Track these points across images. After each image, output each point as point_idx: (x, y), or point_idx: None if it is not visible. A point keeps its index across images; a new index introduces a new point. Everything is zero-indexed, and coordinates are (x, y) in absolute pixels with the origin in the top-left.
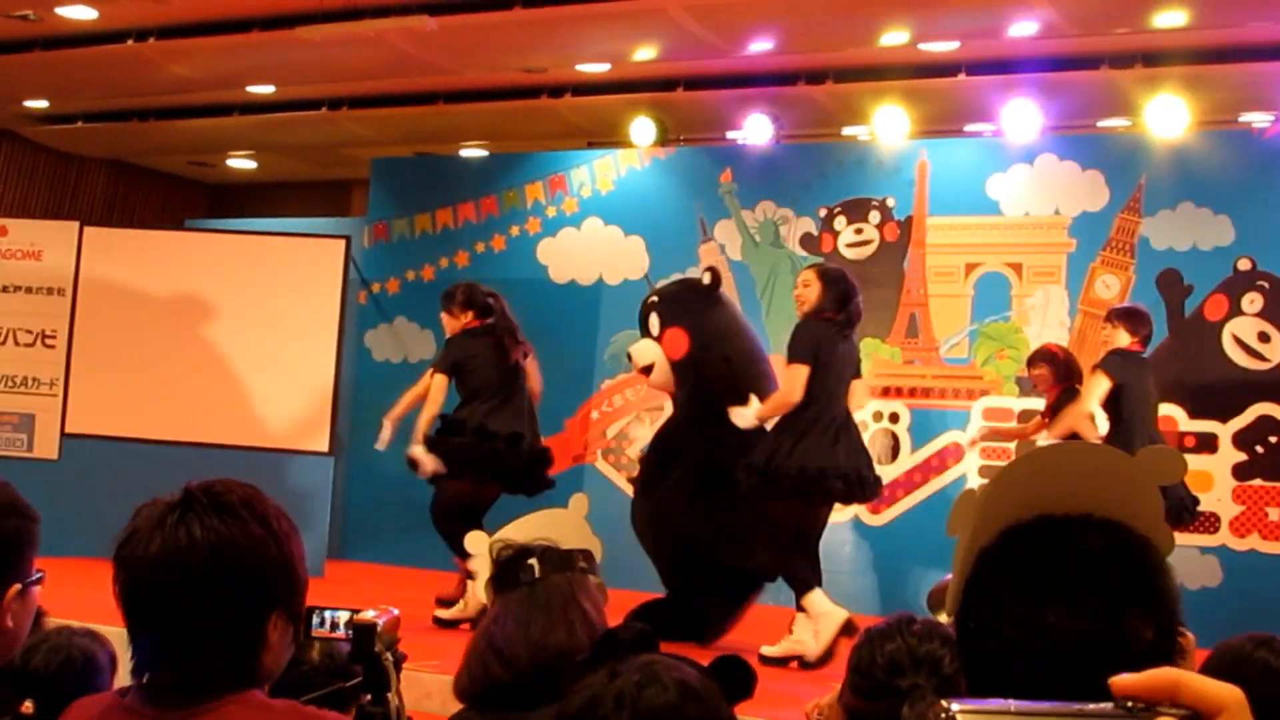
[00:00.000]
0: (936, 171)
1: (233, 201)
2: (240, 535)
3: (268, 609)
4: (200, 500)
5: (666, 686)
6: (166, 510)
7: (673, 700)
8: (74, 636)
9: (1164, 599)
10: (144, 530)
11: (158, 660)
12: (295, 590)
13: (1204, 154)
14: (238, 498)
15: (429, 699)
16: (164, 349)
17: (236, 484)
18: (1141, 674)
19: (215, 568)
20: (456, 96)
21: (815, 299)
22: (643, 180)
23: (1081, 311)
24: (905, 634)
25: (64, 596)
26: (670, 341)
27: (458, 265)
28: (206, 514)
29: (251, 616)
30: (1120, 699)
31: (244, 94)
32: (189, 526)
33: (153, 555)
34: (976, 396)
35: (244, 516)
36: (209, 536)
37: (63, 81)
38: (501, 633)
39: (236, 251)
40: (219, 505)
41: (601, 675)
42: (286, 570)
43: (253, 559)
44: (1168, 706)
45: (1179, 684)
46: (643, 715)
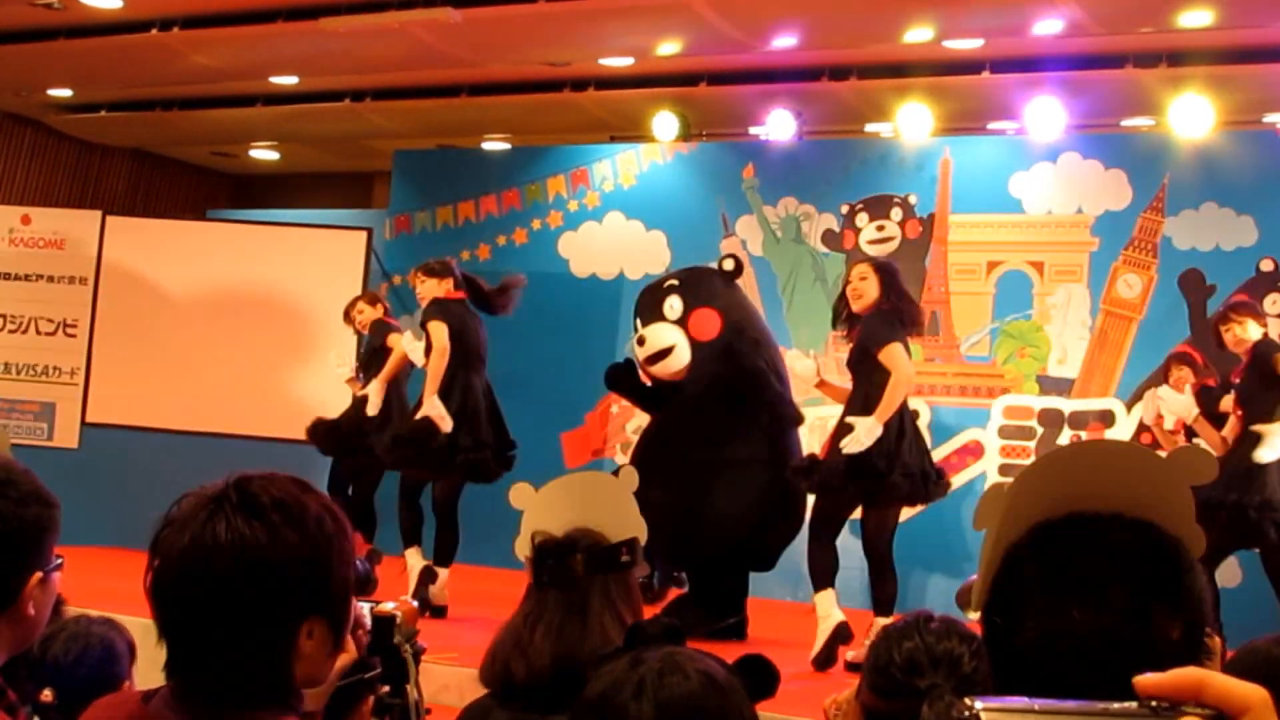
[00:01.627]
0: (959, 169)
1: (255, 192)
2: (267, 540)
3: (298, 618)
4: (232, 499)
5: (689, 676)
6: (203, 503)
7: (694, 689)
8: (92, 625)
9: (1192, 599)
10: (179, 521)
11: (183, 661)
12: (335, 597)
13: (1228, 154)
14: (271, 498)
15: (446, 691)
16: (185, 339)
17: (280, 480)
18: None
19: (237, 573)
20: (479, 89)
21: (875, 293)
22: (665, 175)
23: (1103, 310)
24: (923, 632)
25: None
26: (700, 322)
27: (479, 258)
28: (235, 514)
29: (278, 625)
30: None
31: (267, 84)
32: (216, 526)
33: (181, 549)
34: (997, 394)
35: (275, 520)
36: (233, 539)
37: (86, 70)
38: (531, 635)
39: (258, 242)
40: (250, 506)
41: (623, 663)
42: (323, 577)
43: (279, 566)
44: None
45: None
46: (663, 703)
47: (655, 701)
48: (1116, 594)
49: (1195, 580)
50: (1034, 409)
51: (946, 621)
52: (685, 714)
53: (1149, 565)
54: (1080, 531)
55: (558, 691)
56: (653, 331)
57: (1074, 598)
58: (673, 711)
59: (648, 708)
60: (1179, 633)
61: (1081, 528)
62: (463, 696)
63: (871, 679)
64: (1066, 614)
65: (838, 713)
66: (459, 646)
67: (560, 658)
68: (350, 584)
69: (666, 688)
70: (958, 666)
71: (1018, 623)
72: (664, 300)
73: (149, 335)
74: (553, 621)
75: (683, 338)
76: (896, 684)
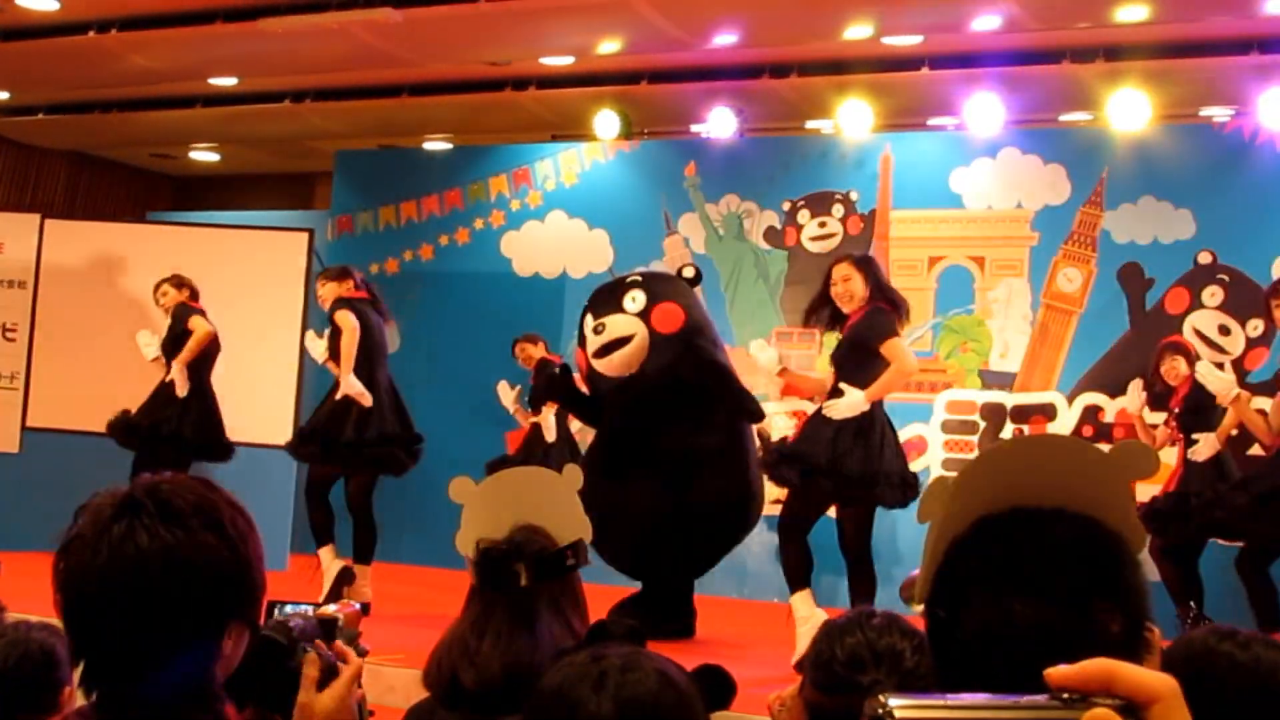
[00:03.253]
0: (900, 165)
1: (195, 194)
2: (191, 547)
3: (223, 621)
4: (147, 506)
5: (649, 675)
6: (111, 515)
7: (654, 688)
8: (32, 630)
9: (1132, 593)
10: (89, 536)
11: (108, 673)
12: (253, 596)
13: (1165, 148)
14: (189, 503)
15: (391, 693)
16: (126, 342)
17: (187, 483)
18: (1075, 665)
19: (165, 583)
20: (420, 89)
21: (863, 289)
22: (607, 173)
23: (1044, 304)
24: (865, 628)
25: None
26: (664, 315)
27: (422, 258)
28: (154, 522)
29: (205, 631)
30: (1056, 690)
31: (206, 86)
32: (135, 537)
33: (97, 569)
34: (940, 389)
35: (195, 526)
36: (158, 548)
37: (23, 72)
38: (478, 643)
39: (199, 244)
40: (168, 513)
41: (584, 656)
42: (243, 578)
43: (206, 571)
44: (1103, 697)
45: (1113, 674)
46: (624, 700)
47: (616, 697)
48: (1057, 588)
49: (1135, 575)
50: (977, 403)
51: (889, 617)
52: (643, 711)
53: (1089, 560)
54: (1022, 526)
55: (507, 697)
56: (613, 320)
57: (1015, 592)
58: (632, 708)
59: (607, 703)
60: (1119, 626)
61: (1024, 522)
62: (409, 698)
63: (814, 675)
64: (1007, 608)
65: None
66: (405, 648)
67: (510, 665)
68: (264, 583)
69: (628, 684)
70: (900, 662)
71: (959, 616)
72: (625, 294)
73: (89, 339)
74: (500, 630)
75: (643, 329)
76: (839, 680)
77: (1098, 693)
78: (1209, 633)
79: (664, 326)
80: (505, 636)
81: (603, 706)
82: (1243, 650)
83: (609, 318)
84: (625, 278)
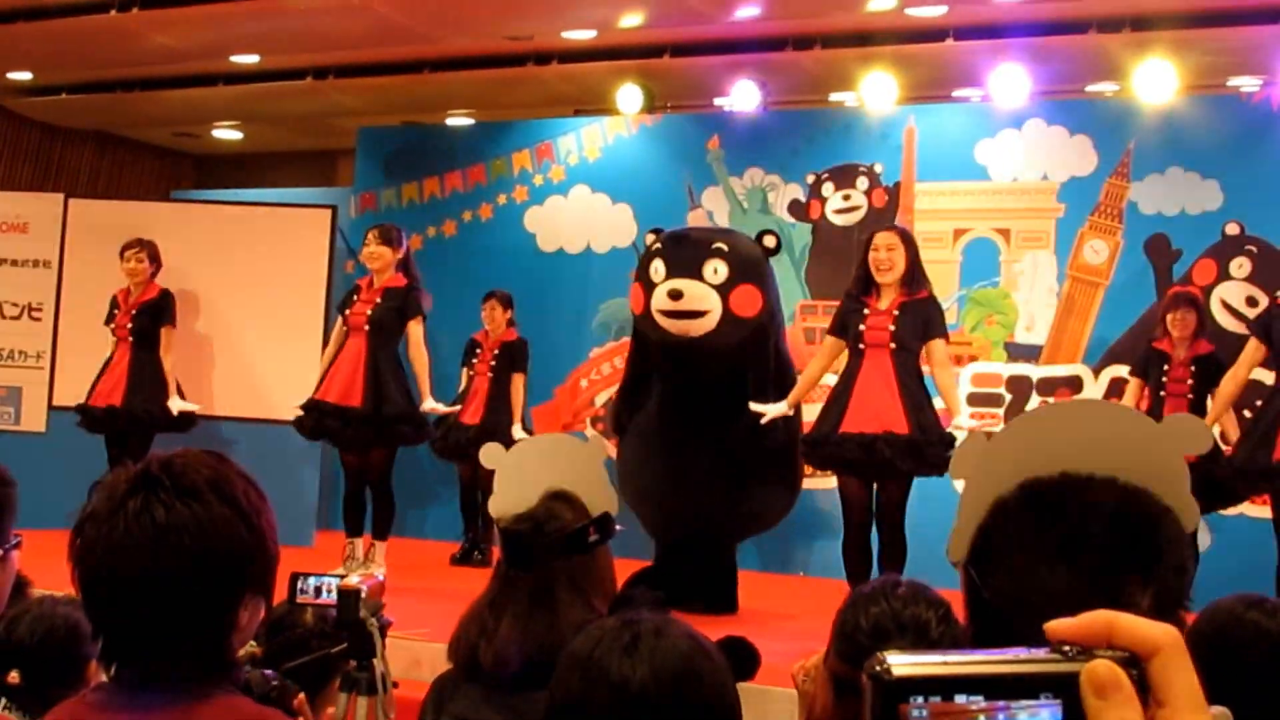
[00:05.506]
0: (924, 137)
1: (218, 173)
2: (208, 520)
3: (240, 593)
4: (163, 481)
5: (680, 639)
6: (127, 490)
7: (685, 653)
8: (58, 606)
9: (1169, 571)
10: (103, 513)
11: (129, 650)
12: (267, 568)
13: (1192, 119)
14: (204, 477)
15: (418, 667)
16: None
17: (200, 456)
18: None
19: (182, 556)
20: (442, 65)
21: (904, 264)
22: (630, 148)
23: (1070, 277)
24: (890, 597)
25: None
26: (743, 299)
27: (445, 234)
28: (171, 497)
29: (223, 604)
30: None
31: (228, 64)
32: (153, 512)
33: (116, 543)
34: (965, 362)
35: (210, 499)
36: (175, 522)
37: (46, 53)
38: (496, 622)
39: (223, 223)
40: (184, 488)
41: (614, 622)
42: (258, 550)
43: (222, 545)
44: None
45: (1113, 626)
46: (657, 664)
47: (649, 662)
48: (1090, 560)
49: (1176, 552)
50: (1002, 376)
51: (914, 587)
52: (676, 676)
53: (1129, 533)
54: (1070, 492)
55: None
56: (693, 288)
57: (1049, 558)
58: (664, 673)
59: (641, 667)
60: (1149, 603)
61: (1072, 489)
62: (434, 671)
63: (839, 645)
64: (1039, 574)
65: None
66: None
67: (526, 646)
68: (277, 555)
69: (661, 649)
70: (925, 632)
71: (994, 578)
72: (707, 260)
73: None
74: (519, 610)
75: (720, 306)
76: (863, 650)
77: (1099, 645)
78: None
79: (741, 310)
80: (523, 616)
81: (636, 670)
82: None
83: (687, 284)
84: (709, 238)
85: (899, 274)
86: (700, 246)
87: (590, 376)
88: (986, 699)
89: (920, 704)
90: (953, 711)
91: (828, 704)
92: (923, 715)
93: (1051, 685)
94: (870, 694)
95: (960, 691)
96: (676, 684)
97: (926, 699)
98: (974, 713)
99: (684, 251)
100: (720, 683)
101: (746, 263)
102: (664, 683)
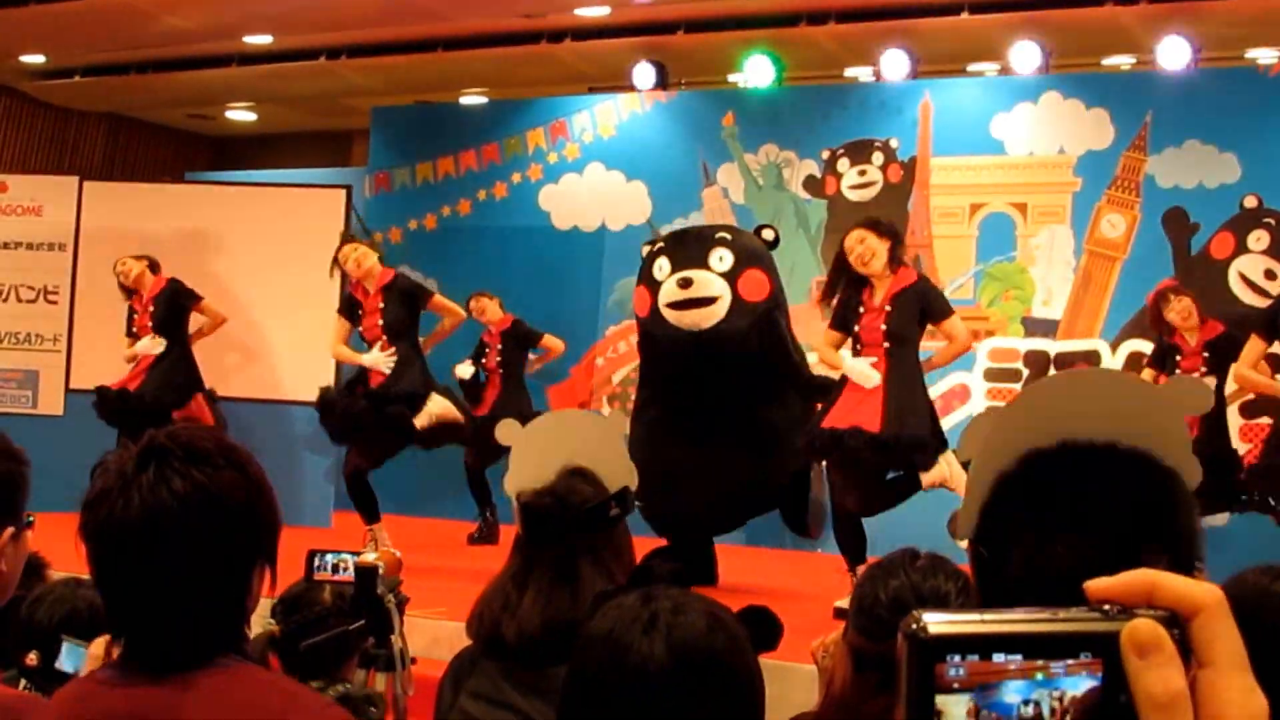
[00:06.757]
0: (940, 112)
1: (233, 154)
2: (222, 484)
3: (253, 559)
4: (173, 451)
5: (699, 616)
6: (136, 464)
7: (703, 630)
8: (78, 588)
9: (1182, 535)
10: (115, 489)
11: (140, 627)
12: (274, 535)
13: (1210, 91)
14: (212, 444)
15: (437, 645)
16: None
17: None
18: (1116, 577)
19: (203, 523)
20: (456, 43)
21: (886, 255)
22: (644, 125)
23: (1087, 251)
24: (909, 570)
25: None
26: (751, 283)
27: (460, 213)
28: (184, 465)
29: (239, 569)
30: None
31: (241, 44)
32: (169, 481)
33: (133, 516)
34: (982, 338)
35: (222, 464)
36: (192, 489)
37: (59, 36)
38: (518, 596)
39: (237, 204)
40: (195, 454)
41: (633, 600)
42: (267, 515)
43: (236, 508)
44: (1145, 609)
45: (1156, 585)
46: (676, 642)
47: (667, 640)
48: (1103, 528)
49: (1186, 515)
50: (1019, 351)
51: (933, 559)
52: (696, 654)
53: (1138, 500)
54: (1072, 462)
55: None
56: (702, 276)
57: (1060, 531)
58: (683, 650)
59: (659, 645)
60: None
61: (1073, 458)
62: (453, 649)
63: (858, 620)
64: (1051, 547)
65: (825, 655)
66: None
67: (550, 620)
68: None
69: (679, 627)
70: (944, 604)
71: (1004, 553)
72: (711, 249)
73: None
74: (541, 585)
75: (729, 292)
76: (883, 624)
77: (1139, 604)
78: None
79: (749, 295)
80: (546, 591)
81: (654, 649)
82: None
83: (696, 273)
84: (709, 231)
85: (884, 259)
86: (703, 238)
87: (606, 355)
88: (1025, 658)
89: (958, 663)
90: (990, 670)
91: (847, 679)
92: (960, 674)
93: (1091, 644)
94: (906, 653)
95: (998, 650)
96: (696, 663)
97: (964, 657)
98: (1012, 671)
99: (687, 245)
100: (741, 660)
101: (750, 249)
102: (683, 662)
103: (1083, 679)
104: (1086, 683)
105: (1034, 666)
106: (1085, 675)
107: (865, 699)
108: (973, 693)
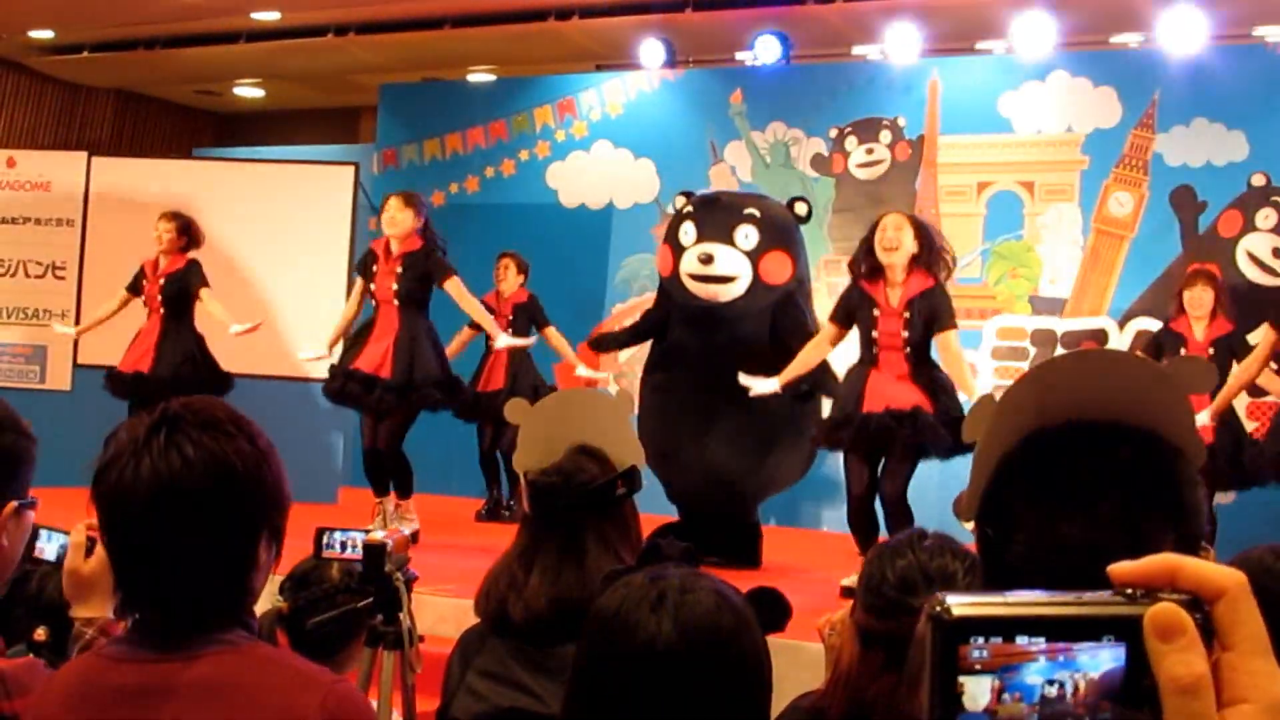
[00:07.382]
0: (948, 90)
1: (241, 130)
2: (234, 451)
3: (259, 528)
4: (185, 418)
5: (706, 594)
6: (148, 433)
7: (710, 609)
8: None
9: (1188, 513)
10: (126, 454)
11: (149, 596)
12: (282, 509)
13: (1218, 69)
14: (222, 413)
15: (444, 623)
16: None
17: (211, 399)
18: (1139, 561)
19: (213, 489)
20: (464, 20)
21: (913, 246)
22: (652, 103)
23: (1095, 229)
24: (917, 549)
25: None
26: (773, 266)
27: (467, 190)
28: (196, 432)
29: (247, 538)
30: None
31: (249, 21)
32: (180, 447)
33: (144, 481)
34: (989, 316)
35: (233, 432)
36: (203, 456)
37: (68, 11)
38: (525, 575)
39: (245, 180)
40: (206, 422)
41: (641, 578)
42: (276, 487)
43: (247, 475)
44: (1168, 592)
45: (1178, 569)
46: (684, 621)
47: (675, 618)
48: (1109, 508)
49: (1192, 493)
50: (1027, 330)
51: (941, 538)
52: (704, 633)
53: (1145, 478)
54: (1076, 440)
55: (555, 629)
56: (724, 253)
57: (1065, 510)
58: (691, 629)
59: (667, 624)
60: (1172, 547)
61: (1078, 436)
62: (460, 627)
63: (866, 598)
64: (1057, 527)
65: (832, 633)
66: (456, 579)
67: (557, 599)
68: (290, 499)
69: (687, 605)
70: (952, 584)
71: (1008, 535)
72: (738, 225)
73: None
74: (548, 563)
75: (750, 272)
76: (891, 603)
77: (1162, 588)
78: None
79: (770, 277)
80: (553, 569)
81: (662, 627)
82: None
83: (719, 248)
84: (741, 203)
85: (906, 254)
86: (732, 211)
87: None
88: (1049, 640)
89: (981, 644)
90: (1014, 652)
91: (855, 657)
92: (983, 656)
93: (1115, 628)
94: (930, 635)
95: (1021, 632)
96: (703, 641)
97: (987, 640)
98: (1035, 654)
99: (715, 215)
100: (749, 639)
101: (778, 228)
102: (691, 640)
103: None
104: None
105: (1057, 649)
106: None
107: (872, 677)
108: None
